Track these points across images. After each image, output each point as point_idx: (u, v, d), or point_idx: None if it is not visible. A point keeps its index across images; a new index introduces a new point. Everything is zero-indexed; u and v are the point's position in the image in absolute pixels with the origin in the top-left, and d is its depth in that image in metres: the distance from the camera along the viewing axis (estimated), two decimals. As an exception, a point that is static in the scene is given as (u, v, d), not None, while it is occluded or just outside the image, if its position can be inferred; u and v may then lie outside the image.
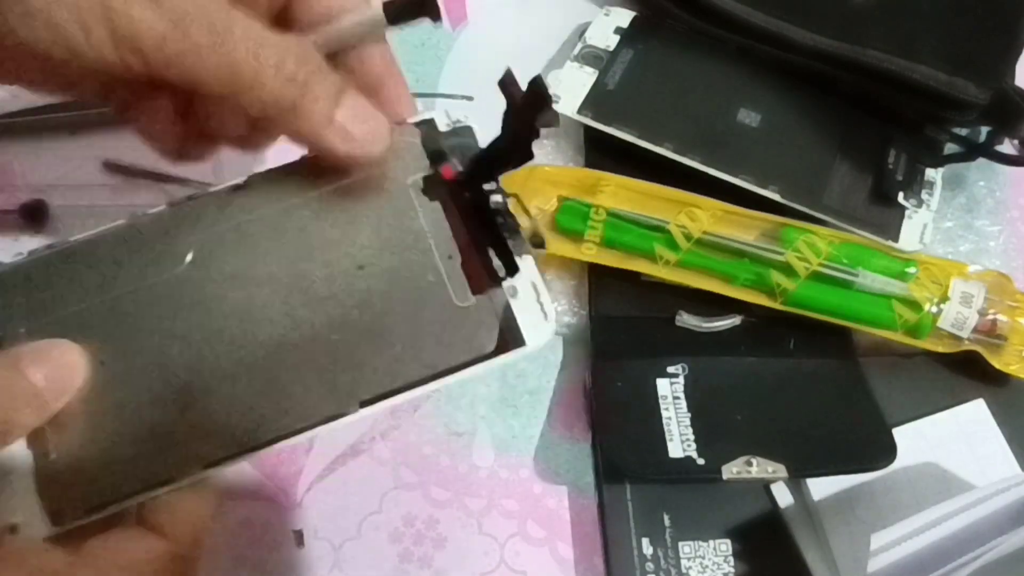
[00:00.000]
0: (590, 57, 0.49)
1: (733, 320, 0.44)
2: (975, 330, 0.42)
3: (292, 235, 0.28)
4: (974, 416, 0.42)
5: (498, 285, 0.27)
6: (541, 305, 0.27)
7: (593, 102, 0.47)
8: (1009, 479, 0.36)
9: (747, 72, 0.49)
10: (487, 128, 0.51)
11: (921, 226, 0.46)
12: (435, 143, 0.30)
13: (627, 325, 0.43)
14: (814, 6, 0.49)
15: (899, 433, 0.40)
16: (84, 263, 0.28)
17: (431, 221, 0.28)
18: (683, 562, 0.38)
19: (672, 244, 0.43)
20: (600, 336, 0.43)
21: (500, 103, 0.31)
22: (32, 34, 0.23)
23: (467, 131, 0.31)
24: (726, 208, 0.44)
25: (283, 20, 0.29)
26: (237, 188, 0.29)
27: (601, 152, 0.47)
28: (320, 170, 0.28)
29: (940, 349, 0.42)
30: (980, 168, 0.50)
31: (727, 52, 0.50)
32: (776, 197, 0.45)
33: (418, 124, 0.30)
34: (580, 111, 0.47)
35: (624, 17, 0.51)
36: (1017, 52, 0.48)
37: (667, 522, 0.38)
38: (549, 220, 0.45)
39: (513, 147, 0.29)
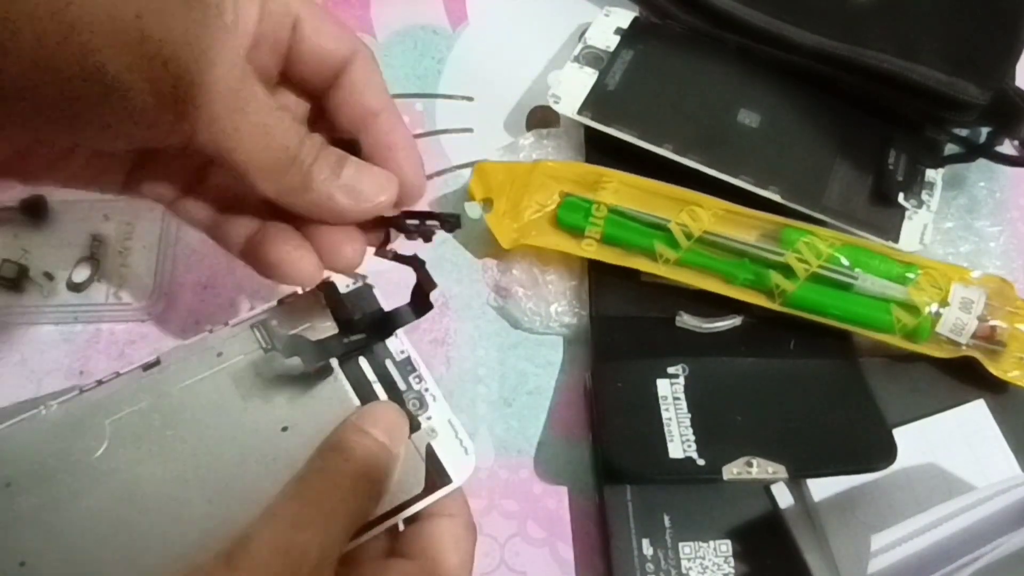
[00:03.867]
0: (590, 57, 0.49)
1: (733, 320, 0.44)
2: (974, 336, 0.42)
3: (211, 408, 0.28)
4: (974, 417, 0.41)
5: (417, 429, 0.30)
6: (460, 441, 0.30)
7: (593, 103, 0.47)
8: (1010, 480, 0.36)
9: (747, 72, 0.49)
10: (487, 126, 0.51)
11: (921, 227, 0.46)
12: (338, 304, 0.31)
13: (627, 325, 0.43)
14: (814, 6, 0.49)
15: (899, 434, 0.40)
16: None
17: (349, 377, 0.30)
18: (683, 563, 0.37)
19: (672, 242, 0.43)
20: (600, 336, 0.43)
21: (500, 103, 0.31)
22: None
23: (366, 290, 0.32)
24: (728, 207, 0.44)
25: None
26: (149, 366, 0.29)
27: (601, 152, 0.47)
28: (233, 342, 0.30)
29: (938, 354, 0.42)
30: (980, 169, 0.50)
31: (727, 52, 0.50)
32: (776, 198, 0.45)
33: (320, 287, 0.31)
34: (580, 111, 0.47)
35: (624, 18, 0.51)
36: (1017, 52, 0.48)
37: (667, 523, 0.38)
38: (551, 216, 0.45)
39: (415, 304, 0.31)
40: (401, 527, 0.29)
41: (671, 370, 0.41)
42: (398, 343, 0.31)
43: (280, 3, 0.29)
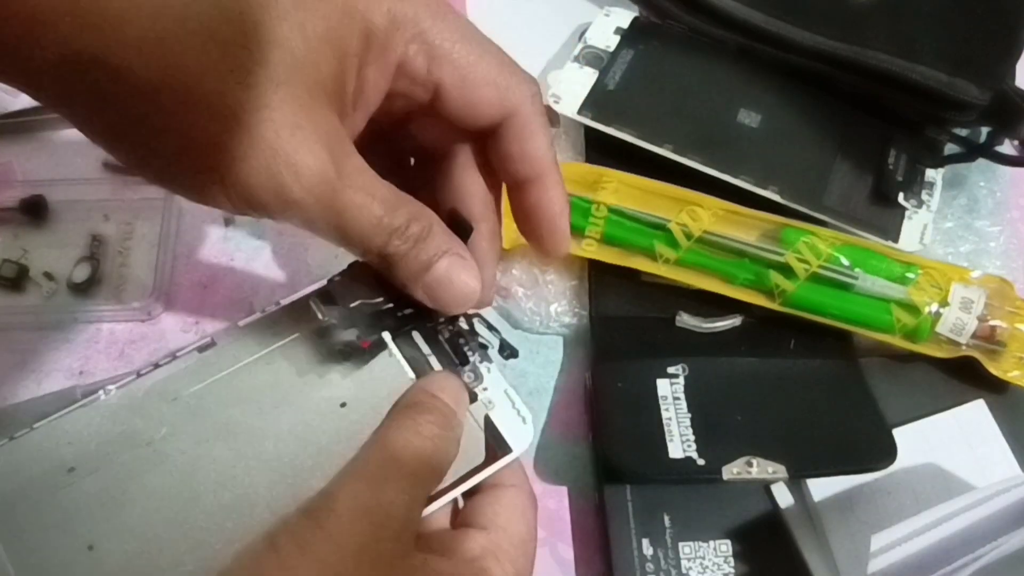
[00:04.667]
0: (590, 57, 0.49)
1: (733, 320, 0.44)
2: (974, 336, 0.42)
3: (269, 386, 0.28)
4: (974, 417, 0.41)
5: (474, 400, 0.29)
6: (518, 411, 0.30)
7: (593, 102, 0.47)
8: (1009, 480, 0.36)
9: (747, 72, 0.49)
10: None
11: (921, 226, 0.46)
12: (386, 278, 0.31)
13: (627, 326, 0.43)
14: (814, 6, 0.49)
15: (899, 434, 0.40)
16: (61, 442, 0.27)
17: (403, 352, 0.30)
18: (683, 563, 0.37)
19: (672, 242, 0.43)
20: (600, 336, 0.43)
21: None
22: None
23: None
24: (728, 207, 0.44)
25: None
26: (204, 348, 0.29)
27: (601, 152, 0.47)
28: (287, 320, 0.29)
29: (938, 354, 0.42)
30: (980, 169, 0.50)
31: (727, 52, 0.50)
32: (776, 198, 0.45)
33: (364, 264, 0.31)
34: (580, 111, 0.47)
35: (624, 17, 0.51)
36: (1017, 52, 0.48)
37: (667, 523, 0.38)
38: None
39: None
40: (460, 503, 0.29)
41: (671, 370, 0.41)
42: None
43: (419, 67, 0.27)
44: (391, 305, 0.30)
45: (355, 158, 0.25)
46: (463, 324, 0.31)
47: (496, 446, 0.29)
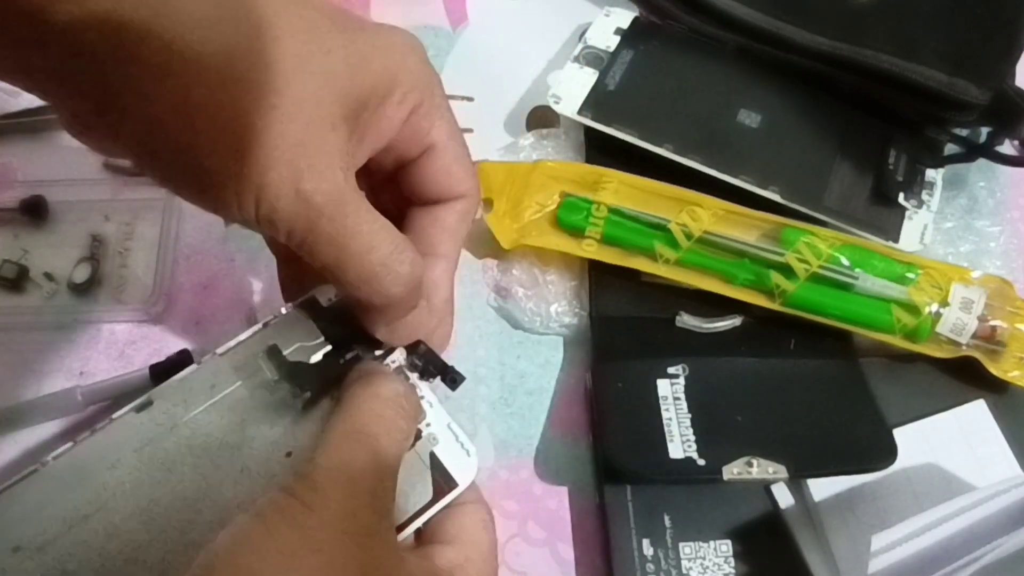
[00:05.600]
0: (591, 57, 0.49)
1: (733, 320, 0.43)
2: (974, 336, 0.42)
3: (211, 442, 0.28)
4: (975, 417, 0.41)
5: (419, 438, 0.30)
6: (461, 444, 0.30)
7: (593, 103, 0.47)
8: (1010, 480, 0.36)
9: (747, 73, 0.49)
10: (488, 126, 0.51)
11: (921, 227, 0.46)
12: (323, 319, 0.31)
13: (627, 326, 0.43)
14: (814, 6, 0.49)
15: (900, 434, 0.40)
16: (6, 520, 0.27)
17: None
18: (684, 563, 0.37)
19: (672, 242, 0.43)
20: (600, 337, 0.43)
21: (500, 103, 0.32)
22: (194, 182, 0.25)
23: (348, 302, 0.32)
24: (728, 207, 0.44)
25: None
26: (142, 408, 0.29)
27: (601, 152, 0.47)
28: (226, 370, 0.29)
29: (938, 354, 0.42)
30: (980, 169, 0.50)
31: (727, 53, 0.50)
32: (776, 198, 0.45)
33: (302, 304, 0.31)
34: (580, 112, 0.47)
35: (624, 18, 0.51)
36: (1017, 52, 0.48)
37: (668, 523, 0.38)
38: (551, 216, 0.45)
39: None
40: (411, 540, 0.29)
41: (671, 370, 0.41)
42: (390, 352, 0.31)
43: (424, 123, 0.28)
44: (330, 348, 0.30)
45: (358, 189, 0.26)
46: (403, 360, 0.31)
47: (443, 481, 0.29)
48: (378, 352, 0.31)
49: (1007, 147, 0.50)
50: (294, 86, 0.23)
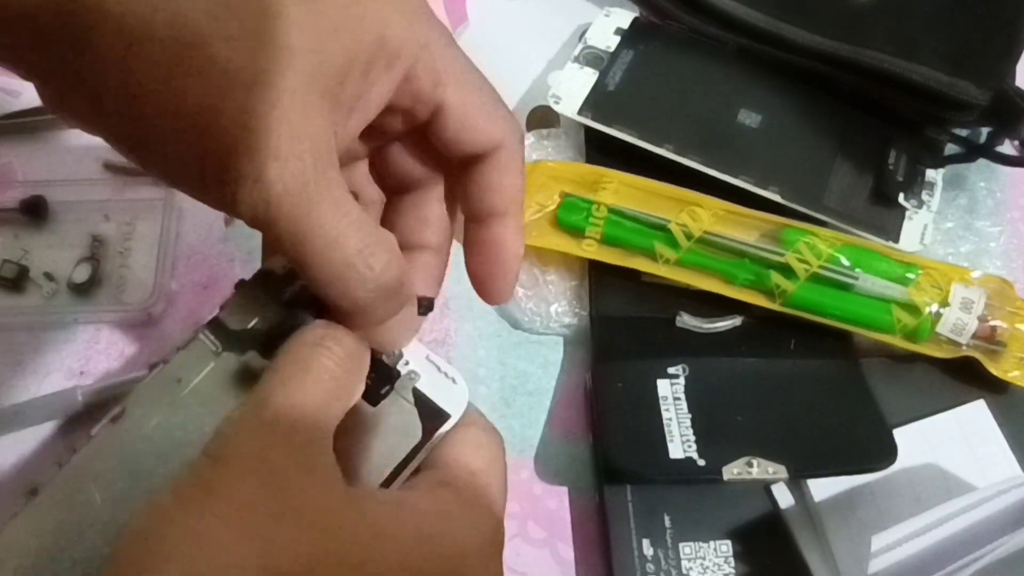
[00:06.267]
0: (591, 58, 0.49)
1: (733, 321, 0.43)
2: (974, 336, 0.42)
3: (191, 437, 0.26)
4: (975, 417, 0.41)
5: (398, 376, 0.28)
6: (445, 373, 0.28)
7: (594, 103, 0.47)
8: (1010, 480, 0.36)
9: (747, 73, 0.49)
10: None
11: (921, 227, 0.46)
12: (279, 288, 0.29)
13: (627, 326, 0.43)
14: (814, 6, 0.49)
15: (900, 434, 0.40)
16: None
17: None
18: (684, 563, 0.37)
19: (672, 242, 0.43)
20: (600, 337, 0.43)
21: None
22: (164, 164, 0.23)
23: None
24: (728, 208, 0.44)
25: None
26: (116, 418, 0.27)
27: (601, 152, 0.47)
28: (189, 362, 0.27)
29: (938, 354, 0.42)
30: (980, 169, 0.50)
31: (727, 53, 0.50)
32: (776, 198, 0.45)
33: (252, 282, 0.29)
34: (580, 112, 0.47)
35: (624, 18, 0.51)
36: (1017, 52, 0.48)
37: (668, 523, 0.38)
38: (551, 216, 0.45)
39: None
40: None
41: (671, 370, 0.41)
42: None
43: (425, 84, 0.26)
44: (283, 316, 0.28)
45: (337, 171, 0.23)
46: None
47: (433, 417, 0.28)
48: None
49: (1007, 147, 0.50)
50: (253, 65, 0.21)
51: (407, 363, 0.29)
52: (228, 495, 0.21)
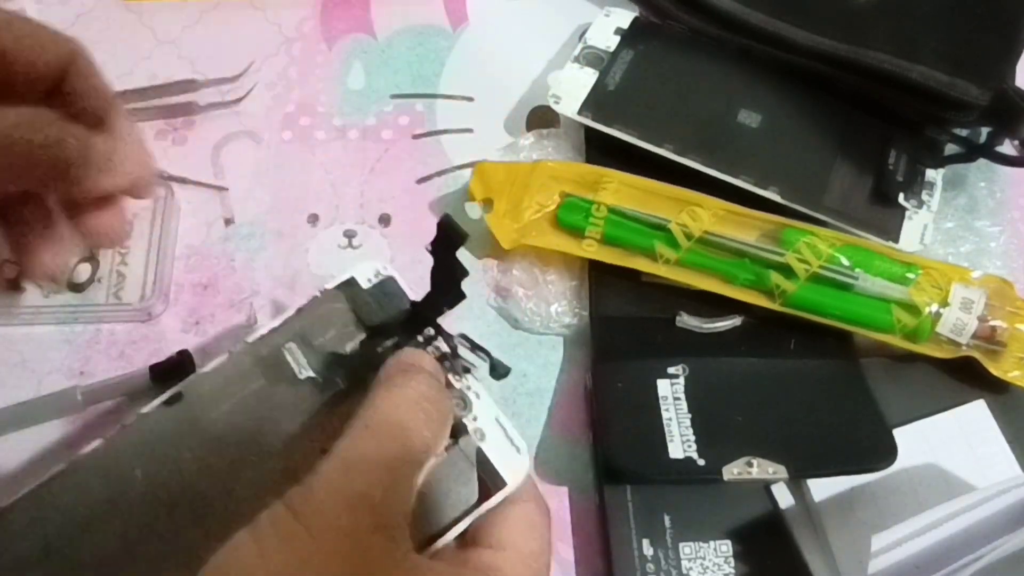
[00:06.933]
0: (591, 58, 0.49)
1: (733, 321, 0.43)
2: (974, 336, 0.42)
3: (245, 435, 0.27)
4: (975, 417, 0.41)
5: (464, 432, 0.27)
6: (511, 440, 0.28)
7: (593, 103, 0.47)
8: (1010, 480, 0.36)
9: (747, 73, 0.49)
10: (488, 127, 0.51)
11: (921, 227, 0.46)
12: (361, 303, 0.29)
13: (627, 326, 0.43)
14: (814, 6, 0.49)
15: (900, 434, 0.39)
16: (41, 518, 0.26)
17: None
18: (684, 563, 0.37)
19: (672, 242, 0.43)
20: (600, 337, 0.43)
21: (500, 103, 0.30)
22: None
23: (391, 283, 0.30)
24: (728, 207, 0.44)
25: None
26: (172, 401, 0.27)
27: (601, 152, 0.47)
28: (256, 361, 0.28)
29: (939, 354, 0.42)
30: (980, 169, 0.50)
31: (727, 53, 0.50)
32: (776, 198, 0.45)
33: (340, 287, 0.29)
34: (580, 112, 0.47)
35: (624, 18, 0.51)
36: (1017, 52, 0.48)
37: (667, 523, 0.38)
38: (551, 216, 0.45)
39: (443, 291, 0.28)
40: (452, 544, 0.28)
41: (671, 370, 0.41)
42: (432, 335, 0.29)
43: None
44: (365, 336, 0.28)
45: None
46: (444, 347, 0.29)
47: (489, 481, 0.27)
48: (420, 339, 0.29)
49: (1007, 147, 0.50)
50: None
51: (475, 419, 0.28)
52: (318, 570, 0.21)
